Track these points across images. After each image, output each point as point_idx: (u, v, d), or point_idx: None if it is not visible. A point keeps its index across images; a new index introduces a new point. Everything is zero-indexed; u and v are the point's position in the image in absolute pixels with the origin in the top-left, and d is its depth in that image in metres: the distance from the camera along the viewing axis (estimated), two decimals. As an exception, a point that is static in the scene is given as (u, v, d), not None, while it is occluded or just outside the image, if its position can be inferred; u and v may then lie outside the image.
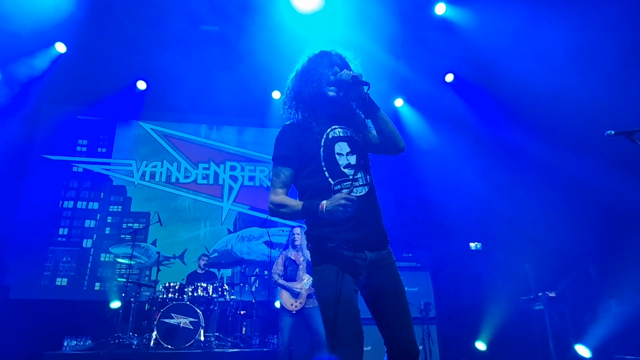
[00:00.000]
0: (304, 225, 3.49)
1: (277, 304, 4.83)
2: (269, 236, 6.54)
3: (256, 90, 7.27)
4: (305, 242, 3.93)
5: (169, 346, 4.96)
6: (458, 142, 6.63)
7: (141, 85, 7.12)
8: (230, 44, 6.29)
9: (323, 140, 1.97)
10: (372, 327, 1.88)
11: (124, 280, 5.73)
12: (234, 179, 7.94)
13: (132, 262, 6.20)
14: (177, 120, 8.06)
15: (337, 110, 2.07)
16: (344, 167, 1.93)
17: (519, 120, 5.78)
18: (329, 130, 2.00)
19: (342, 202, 1.74)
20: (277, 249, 7.42)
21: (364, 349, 1.76)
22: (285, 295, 4.67)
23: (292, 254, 4.85)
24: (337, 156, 1.94)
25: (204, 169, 7.91)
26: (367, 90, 1.91)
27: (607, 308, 4.28)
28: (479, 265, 6.01)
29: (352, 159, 1.95)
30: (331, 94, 2.00)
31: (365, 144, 2.06)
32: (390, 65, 6.44)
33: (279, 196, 1.94)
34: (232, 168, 8.00)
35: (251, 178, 8.01)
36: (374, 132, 2.07)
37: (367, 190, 1.93)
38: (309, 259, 4.13)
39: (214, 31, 6.16)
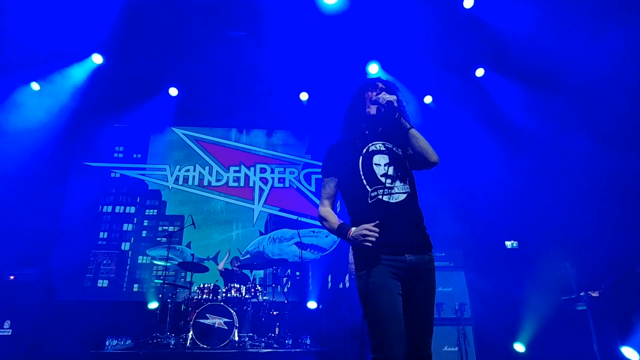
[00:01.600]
0: None
1: (311, 305, 4.74)
2: (299, 237, 6.58)
3: (284, 93, 7.33)
4: None
5: (205, 346, 5.07)
6: (493, 139, 6.46)
7: (173, 92, 7.31)
8: (257, 48, 6.37)
9: (363, 152, 2.18)
10: None
11: (161, 281, 5.89)
12: (264, 181, 8.03)
13: (169, 264, 6.37)
14: (208, 125, 8.24)
15: (379, 127, 2.27)
16: (381, 176, 2.10)
17: (558, 114, 5.57)
18: (370, 144, 2.21)
19: (365, 232, 1.91)
20: (308, 250, 7.47)
21: None
22: None
23: None
24: (374, 166, 2.13)
25: (235, 172, 8.05)
26: (397, 116, 2.16)
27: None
28: (516, 264, 5.82)
29: (390, 170, 2.11)
30: (372, 112, 2.24)
31: (404, 157, 2.21)
32: (418, 62, 6.36)
33: (325, 208, 2.21)
34: (262, 170, 8.10)
35: (281, 180, 8.08)
36: (410, 150, 2.24)
37: (405, 197, 2.07)
38: None
39: (241, 36, 6.25)
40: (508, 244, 6.02)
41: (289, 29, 5.96)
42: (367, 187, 2.08)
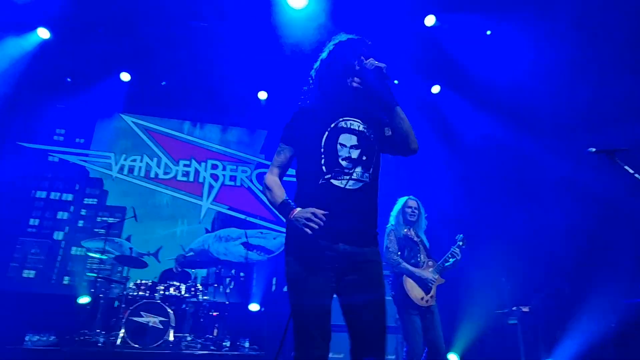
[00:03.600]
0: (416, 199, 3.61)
1: (254, 307, 4.64)
2: (246, 238, 6.45)
3: (242, 89, 7.20)
4: (422, 220, 3.77)
5: (137, 345, 4.82)
6: (442, 152, 6.67)
7: (125, 77, 6.97)
8: (218, 42, 6.22)
9: (331, 127, 1.92)
10: (342, 335, 1.82)
11: (95, 275, 5.57)
12: (215, 177, 7.82)
13: (105, 257, 6.03)
14: (160, 115, 7.91)
15: (356, 102, 1.99)
16: (342, 159, 1.87)
17: (501, 129, 5.84)
18: (340, 119, 1.94)
19: (310, 216, 1.70)
20: (254, 251, 7.34)
21: (337, 356, 1.71)
22: (412, 285, 3.53)
23: (405, 230, 3.74)
24: (338, 146, 1.89)
25: (185, 165, 7.78)
26: (387, 87, 1.89)
27: (577, 325, 4.32)
28: (457, 277, 6.02)
29: (355, 153, 1.88)
30: (355, 85, 1.95)
31: (375, 142, 1.97)
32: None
33: (273, 177, 1.97)
34: (214, 167, 7.89)
35: (232, 178, 7.90)
36: (388, 132, 2.00)
37: (360, 186, 1.85)
38: (426, 241, 3.77)
39: (202, 27, 6.08)
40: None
41: (253, 25, 5.87)
42: (323, 167, 1.85)
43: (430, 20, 5.88)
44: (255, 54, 6.39)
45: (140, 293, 5.47)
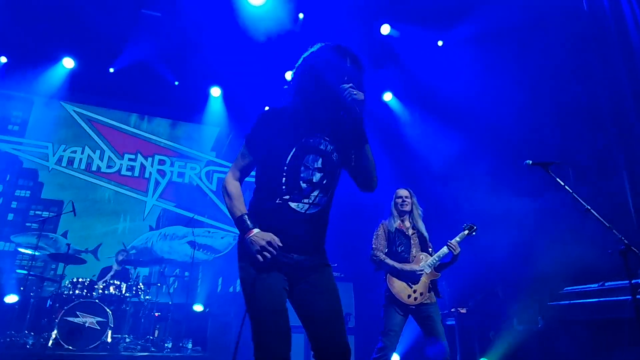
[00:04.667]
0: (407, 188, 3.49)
1: (198, 308, 4.53)
2: (193, 236, 6.29)
3: (194, 84, 7.03)
4: (417, 209, 3.59)
5: (71, 347, 4.55)
6: (388, 157, 6.87)
7: (68, 63, 6.57)
8: (171, 33, 6.03)
9: (300, 142, 1.85)
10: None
11: (25, 272, 5.20)
12: (161, 173, 7.56)
13: (37, 253, 5.64)
14: (105, 106, 7.53)
15: (330, 121, 1.90)
16: (303, 182, 1.83)
17: (447, 138, 6.12)
18: (310, 136, 1.87)
19: (264, 244, 1.70)
20: (201, 250, 7.18)
21: None
22: (398, 282, 3.34)
23: (397, 223, 3.54)
24: (302, 167, 1.84)
25: (130, 160, 7.46)
26: (360, 122, 1.83)
27: (509, 326, 4.61)
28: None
29: (317, 177, 1.86)
30: (333, 105, 1.85)
31: (339, 166, 1.95)
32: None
33: (235, 181, 1.91)
34: (161, 162, 7.63)
35: (180, 174, 7.68)
36: (352, 161, 1.94)
37: (317, 210, 1.86)
38: (424, 231, 3.54)
39: (155, 16, 5.87)
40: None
41: (210, 18, 5.75)
42: (284, 186, 1.81)
43: (385, 29, 6.06)
44: (210, 48, 6.27)
45: (76, 292, 5.17)
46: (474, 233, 3.57)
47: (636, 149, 3.78)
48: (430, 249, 3.57)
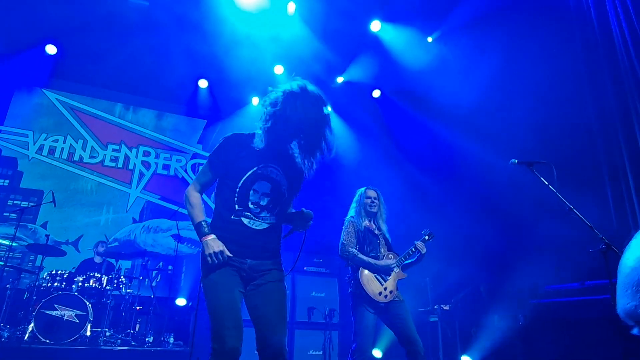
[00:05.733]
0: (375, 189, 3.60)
1: (181, 301, 4.46)
2: (178, 229, 6.21)
3: (181, 75, 6.91)
4: (382, 211, 3.62)
5: (48, 341, 4.45)
6: (380, 153, 6.87)
7: (51, 49, 6.40)
8: (159, 23, 5.91)
9: (252, 171, 2.11)
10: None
11: (1, 263, 5.05)
12: (146, 165, 7.44)
13: (15, 244, 5.49)
14: (89, 95, 7.37)
15: (286, 156, 2.18)
16: (252, 203, 2.11)
17: (436, 140, 6.15)
18: (265, 164, 2.14)
19: (215, 250, 1.99)
20: (185, 243, 7.09)
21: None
22: (370, 279, 3.32)
23: (365, 222, 3.54)
24: (252, 191, 2.12)
25: (114, 150, 7.32)
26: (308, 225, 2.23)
27: (490, 323, 4.67)
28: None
29: (264, 201, 2.14)
30: (290, 152, 2.18)
31: (286, 193, 2.21)
32: (320, 74, 6.51)
33: (196, 193, 2.19)
34: (146, 154, 7.50)
35: (166, 167, 7.57)
36: (298, 192, 2.31)
37: (266, 227, 2.13)
38: (387, 233, 3.57)
39: (143, 6, 5.75)
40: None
41: (199, 9, 5.66)
42: (236, 205, 2.10)
43: (376, 26, 6.05)
44: (199, 39, 6.17)
45: (55, 284, 5.06)
46: (431, 240, 3.58)
47: (619, 150, 3.84)
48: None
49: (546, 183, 2.87)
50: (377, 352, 5.63)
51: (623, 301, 0.61)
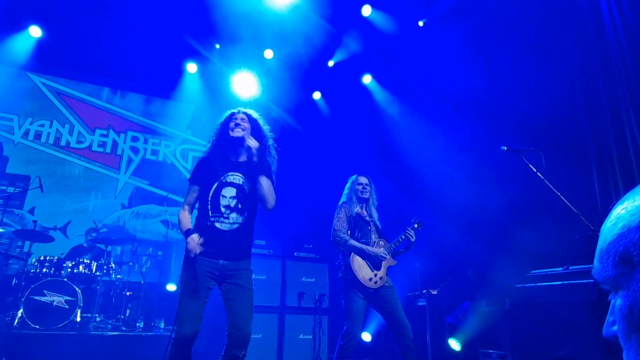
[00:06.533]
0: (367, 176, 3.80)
1: (171, 287, 4.48)
2: (167, 215, 6.18)
3: (170, 59, 6.80)
4: (373, 198, 3.71)
5: (37, 326, 4.45)
6: (369, 140, 6.87)
7: (35, 32, 6.24)
8: (147, 4, 5.79)
9: (218, 182, 2.62)
10: (261, 316, 1.88)
11: (-12, 249, 5.01)
12: (134, 150, 7.36)
13: (2, 230, 5.43)
14: (75, 78, 7.22)
15: (243, 163, 2.71)
16: (223, 207, 2.59)
17: (425, 127, 6.16)
18: (228, 174, 2.65)
19: (192, 245, 2.42)
20: (175, 229, 7.07)
21: (255, 336, 2.12)
22: (361, 264, 3.36)
23: (357, 208, 3.58)
24: (221, 197, 2.60)
25: (102, 135, 7.22)
26: (255, 161, 2.61)
27: (477, 307, 4.75)
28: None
29: (233, 203, 2.61)
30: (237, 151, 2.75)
31: (251, 192, 2.65)
32: (310, 58, 6.45)
33: (185, 213, 2.63)
34: (134, 139, 7.41)
35: (154, 152, 7.49)
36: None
37: (236, 227, 2.58)
38: (377, 220, 3.65)
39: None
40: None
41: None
42: (210, 211, 2.58)
43: (367, 11, 5.98)
44: (187, 22, 6.06)
45: (44, 270, 5.03)
46: (420, 228, 3.65)
47: (606, 137, 3.88)
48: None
49: (534, 170, 2.90)
50: (366, 335, 5.72)
51: (601, 268, 0.60)
